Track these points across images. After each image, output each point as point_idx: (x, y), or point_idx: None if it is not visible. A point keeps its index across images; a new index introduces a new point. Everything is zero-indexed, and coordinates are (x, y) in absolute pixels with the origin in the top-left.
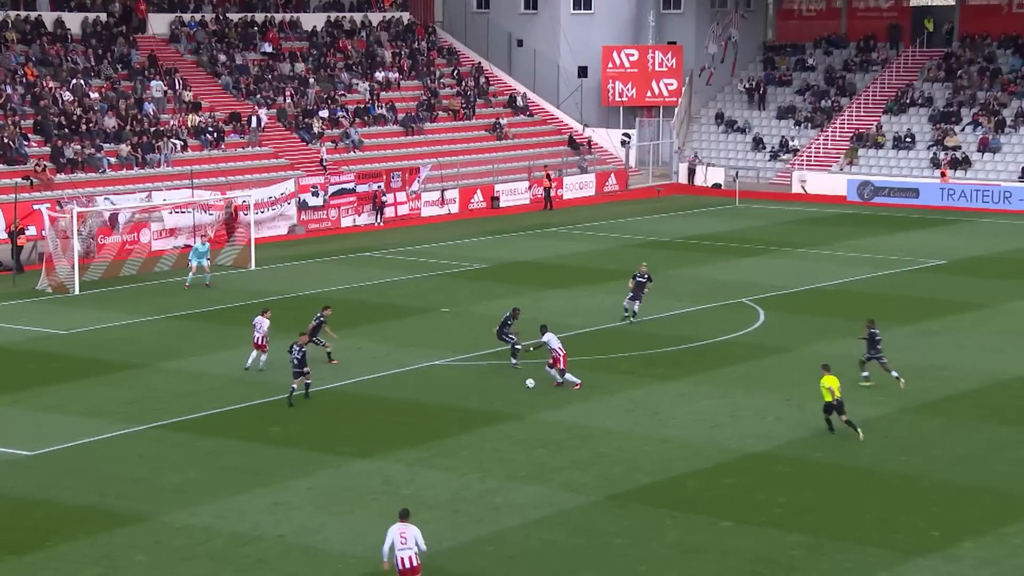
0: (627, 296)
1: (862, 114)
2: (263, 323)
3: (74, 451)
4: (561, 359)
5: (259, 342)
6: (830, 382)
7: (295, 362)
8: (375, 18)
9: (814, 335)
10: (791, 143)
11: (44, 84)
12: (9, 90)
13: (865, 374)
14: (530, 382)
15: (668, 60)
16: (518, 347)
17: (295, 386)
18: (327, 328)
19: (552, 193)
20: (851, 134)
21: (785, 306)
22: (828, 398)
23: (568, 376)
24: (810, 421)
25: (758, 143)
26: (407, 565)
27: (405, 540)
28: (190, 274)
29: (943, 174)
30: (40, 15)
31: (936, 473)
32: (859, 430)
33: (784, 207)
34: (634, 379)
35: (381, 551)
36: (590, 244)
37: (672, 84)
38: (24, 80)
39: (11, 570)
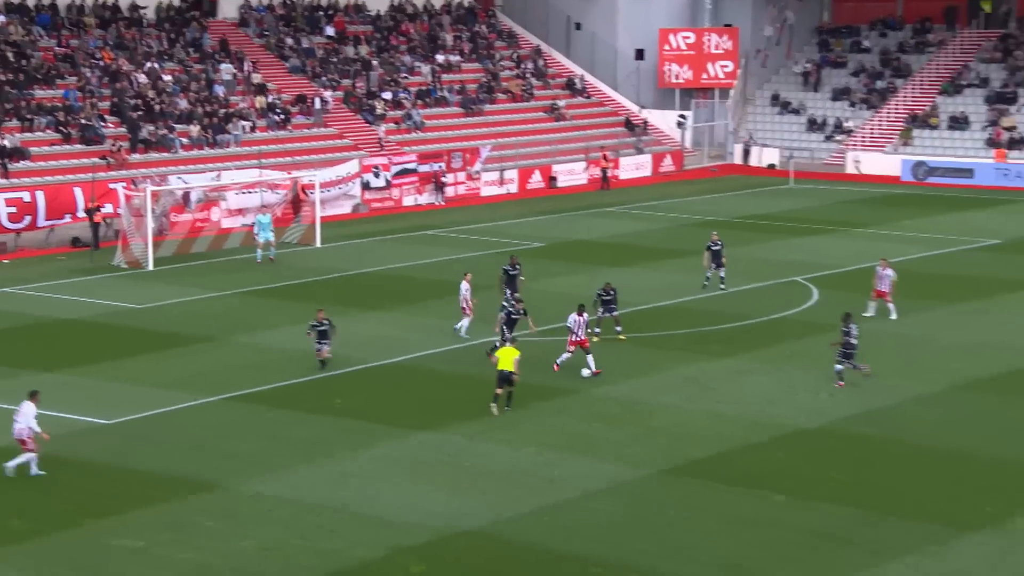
0: (709, 267)
1: (917, 95)
2: (464, 287)
3: (148, 421)
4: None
5: (465, 307)
6: (510, 353)
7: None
8: (437, 2)
9: None
10: (845, 124)
11: (120, 67)
12: (88, 73)
13: (596, 329)
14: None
15: (724, 43)
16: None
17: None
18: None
19: (609, 173)
20: (906, 115)
21: (839, 285)
22: (508, 368)
23: (563, 359)
24: (863, 398)
25: (812, 124)
26: (19, 436)
27: (17, 418)
28: (258, 250)
29: (999, 154)
30: (116, 0)
31: (989, 449)
32: (508, 406)
33: (838, 187)
34: (689, 356)
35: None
36: (646, 224)
37: (728, 66)
38: (101, 63)
39: (90, 533)
